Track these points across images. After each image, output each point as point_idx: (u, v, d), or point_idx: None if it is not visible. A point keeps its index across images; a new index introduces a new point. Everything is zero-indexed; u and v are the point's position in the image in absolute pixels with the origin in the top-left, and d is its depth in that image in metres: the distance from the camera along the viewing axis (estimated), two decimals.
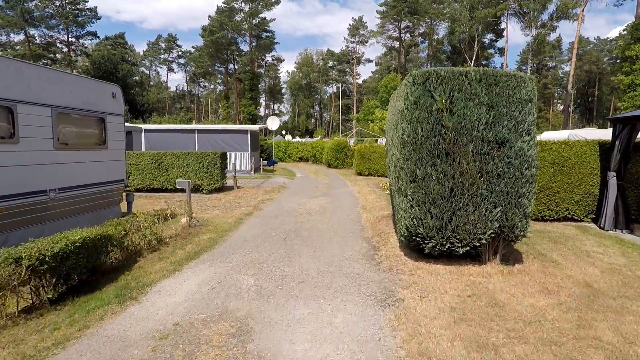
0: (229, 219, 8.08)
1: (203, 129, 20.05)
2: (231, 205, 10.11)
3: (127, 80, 60.49)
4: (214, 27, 58.52)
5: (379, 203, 10.05)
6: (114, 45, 71.20)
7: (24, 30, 52.42)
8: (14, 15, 50.32)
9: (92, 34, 58.25)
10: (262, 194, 12.22)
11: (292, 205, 10.05)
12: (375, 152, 18.93)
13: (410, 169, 4.66)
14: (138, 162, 12.68)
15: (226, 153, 13.30)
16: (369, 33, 68.14)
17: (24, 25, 51.47)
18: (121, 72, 58.76)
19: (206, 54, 62.91)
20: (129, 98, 57.92)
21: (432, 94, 4.57)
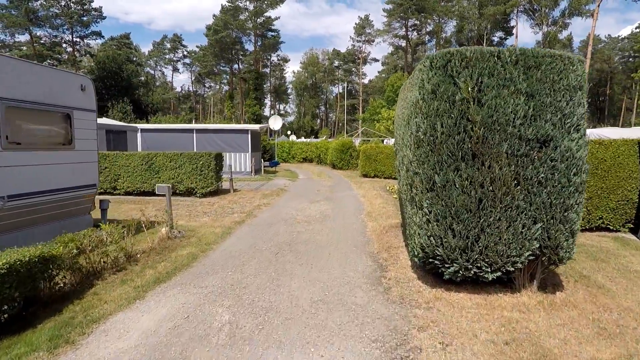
0: (217, 228, 7.18)
1: (201, 128, 19.24)
2: (224, 211, 9.23)
3: (132, 80, 60.16)
4: (218, 26, 57.93)
5: (386, 209, 9.09)
6: (119, 46, 71.03)
7: (28, 30, 52.27)
8: (18, 14, 50.17)
9: (96, 34, 57.99)
10: (259, 198, 11.33)
11: (291, 211, 9.14)
12: (382, 152, 17.96)
13: (426, 175, 3.71)
14: (127, 163, 11.86)
15: (221, 154, 12.44)
16: (375, 32, 67.11)
17: (28, 25, 51.32)
18: (126, 73, 58.42)
19: (210, 53, 62.35)
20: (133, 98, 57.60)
21: (455, 80, 3.62)
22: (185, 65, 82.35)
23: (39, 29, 53.94)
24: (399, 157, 5.20)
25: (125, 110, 50.81)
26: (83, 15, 55.75)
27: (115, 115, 47.12)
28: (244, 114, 60.10)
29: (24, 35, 55.73)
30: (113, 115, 48.19)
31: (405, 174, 4.30)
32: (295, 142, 35.40)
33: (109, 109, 51.50)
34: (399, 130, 5.16)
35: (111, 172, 11.89)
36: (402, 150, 4.72)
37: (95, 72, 57.11)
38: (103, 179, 11.89)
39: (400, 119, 5.03)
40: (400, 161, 4.89)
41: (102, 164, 11.88)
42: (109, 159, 11.90)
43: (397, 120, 5.77)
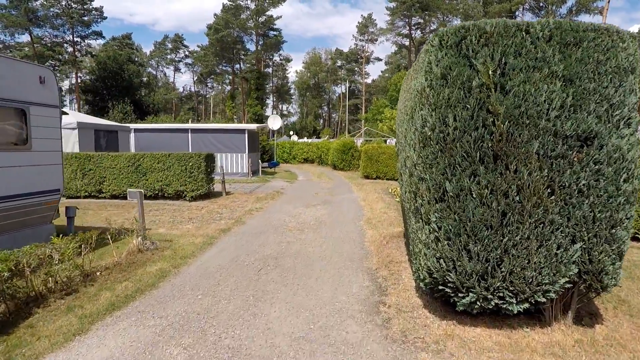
0: (199, 237, 6.44)
1: (197, 128, 18.56)
2: (211, 216, 8.50)
3: (133, 80, 59.75)
4: (219, 25, 57.34)
5: (388, 215, 8.32)
6: (121, 46, 70.74)
7: (28, 30, 51.95)
8: (17, 14, 49.86)
9: (97, 34, 57.57)
10: (252, 202, 10.59)
11: (284, 217, 8.39)
12: (384, 153, 17.18)
13: (435, 181, 2.95)
14: (113, 165, 11.17)
15: (212, 154, 11.73)
16: (378, 31, 66.28)
17: (28, 25, 50.99)
18: (127, 73, 58.00)
19: (211, 53, 61.79)
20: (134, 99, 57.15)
21: (472, 61, 2.86)
22: (187, 66, 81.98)
23: (39, 29, 53.58)
24: (401, 158, 4.44)
25: (126, 111, 50.35)
26: (84, 15, 55.38)
27: (115, 116, 46.64)
28: (245, 114, 59.47)
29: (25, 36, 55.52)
30: (114, 115, 47.74)
31: (409, 179, 3.54)
32: (296, 143, 34.69)
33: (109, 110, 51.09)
34: (401, 127, 4.39)
35: (96, 174, 11.21)
36: (404, 150, 3.96)
37: (96, 72, 56.81)
38: (87, 181, 11.22)
39: (403, 113, 4.27)
40: (403, 163, 4.13)
41: (86, 165, 11.20)
42: (93, 161, 11.22)
43: (399, 115, 5.01)
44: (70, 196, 11.39)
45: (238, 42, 61.13)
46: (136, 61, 70.61)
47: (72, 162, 11.23)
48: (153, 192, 11.08)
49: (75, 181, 11.26)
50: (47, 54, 53.81)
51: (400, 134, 4.48)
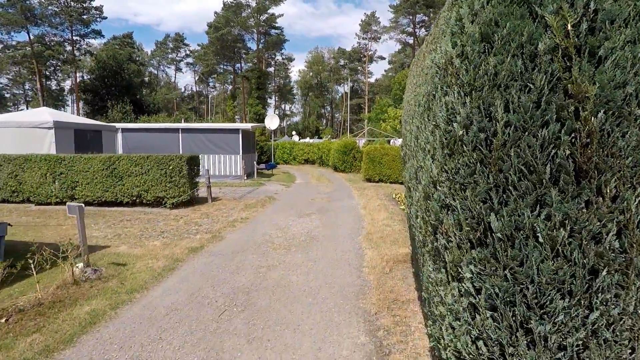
0: (161, 260, 5.29)
1: (188, 128, 17.46)
2: (187, 229, 7.36)
3: (133, 79, 58.98)
4: (220, 23, 56.35)
5: (391, 228, 7.13)
6: (122, 45, 70.02)
7: (26, 29, 51.18)
8: (14, 13, 49.09)
9: (96, 33, 56.74)
10: (239, 210, 9.45)
11: (270, 230, 7.23)
12: (387, 154, 15.98)
13: (471, 213, 1.78)
14: (86, 168, 10.06)
15: (196, 157, 10.59)
16: (381, 29, 65.02)
17: (25, 23, 50.21)
18: (127, 72, 57.21)
19: (212, 51, 60.81)
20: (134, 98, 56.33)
21: (536, 9, 1.68)
22: (189, 65, 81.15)
23: (37, 27, 52.81)
24: (409, 167, 3.26)
25: (125, 110, 49.57)
26: (83, 14, 54.56)
27: (115, 116, 45.81)
28: (246, 113, 58.43)
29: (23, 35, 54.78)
30: (113, 115, 46.94)
31: (423, 202, 2.36)
32: (296, 143, 33.55)
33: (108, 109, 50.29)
34: (410, 123, 3.21)
35: (67, 178, 10.10)
36: (415, 157, 2.78)
37: (96, 72, 56.06)
38: (59, 186, 10.13)
39: (413, 104, 3.08)
40: (413, 176, 2.95)
41: (57, 169, 10.11)
42: (64, 163, 10.11)
43: (406, 108, 3.83)
44: (40, 203, 10.32)
45: (239, 40, 60.10)
46: (137, 61, 69.92)
47: (42, 165, 10.14)
48: (130, 198, 9.98)
49: (44, 186, 10.18)
50: (48, 53, 52.99)
51: (409, 134, 3.30)
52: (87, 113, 59.02)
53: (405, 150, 3.62)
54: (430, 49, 2.52)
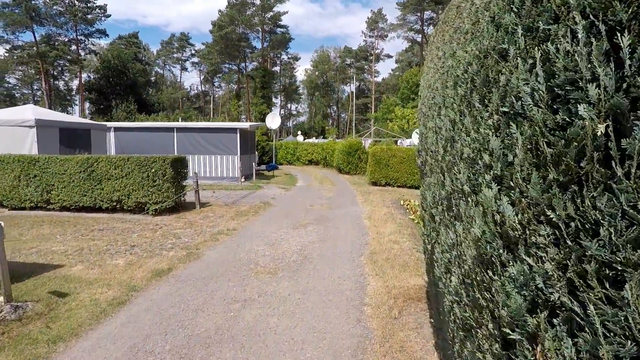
0: (114, 287, 4.27)
1: (183, 127, 16.52)
2: (163, 242, 6.34)
3: (137, 79, 58.56)
4: (224, 22, 55.55)
5: (400, 247, 6.03)
6: (128, 45, 69.72)
7: (31, 29, 50.88)
8: (19, 12, 48.78)
9: (101, 32, 56.32)
10: (227, 219, 8.42)
11: (258, 246, 6.18)
12: (395, 156, 14.87)
13: None
14: (62, 170, 9.12)
15: (183, 158, 9.58)
16: (388, 26, 63.69)
17: (30, 23, 49.89)
18: (131, 71, 56.77)
19: (216, 50, 60.04)
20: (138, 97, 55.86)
21: None
22: (194, 65, 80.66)
23: (42, 27, 52.49)
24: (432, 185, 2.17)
25: (130, 110, 49.13)
26: (87, 13, 54.15)
27: (119, 115, 45.31)
28: (250, 113, 57.58)
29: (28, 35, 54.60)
30: (117, 114, 46.47)
31: (475, 268, 1.27)
32: (300, 143, 32.51)
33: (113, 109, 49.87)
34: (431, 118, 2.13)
35: (42, 181, 9.17)
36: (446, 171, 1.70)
37: (100, 71, 55.70)
38: (33, 190, 9.20)
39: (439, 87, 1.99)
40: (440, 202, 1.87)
41: (31, 171, 9.19)
42: (39, 165, 9.18)
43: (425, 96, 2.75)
44: (14, 207, 9.42)
45: (243, 39, 59.26)
46: (143, 60, 69.65)
47: (15, 167, 9.23)
48: (110, 203, 9.01)
49: (18, 189, 9.26)
50: (54, 53, 52.54)
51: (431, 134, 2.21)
52: (92, 112, 58.77)
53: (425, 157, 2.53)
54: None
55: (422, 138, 3.09)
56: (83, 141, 13.57)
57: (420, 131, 3.21)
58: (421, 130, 3.18)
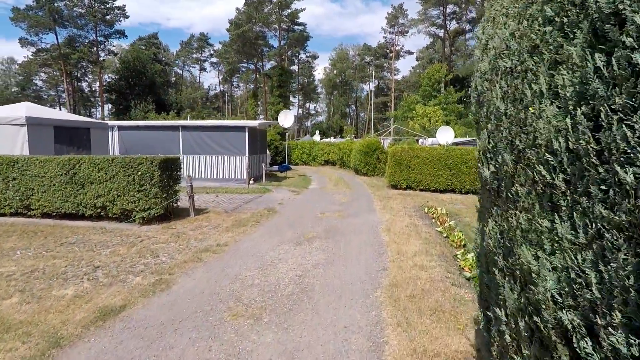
0: (34, 341, 3.09)
1: (189, 125, 15.54)
2: (132, 264, 5.18)
3: (156, 79, 58.83)
4: (241, 20, 54.96)
5: (429, 275, 4.64)
6: (148, 46, 70.40)
7: (53, 31, 51.70)
8: (43, 15, 49.59)
9: (120, 33, 56.77)
10: (222, 230, 7.22)
11: (246, 270, 4.93)
12: (417, 156, 13.39)
13: None
14: (42, 172, 8.17)
15: (175, 159, 8.45)
16: (409, 22, 61.59)
17: (52, 25, 50.68)
18: (150, 71, 57.04)
19: (233, 49, 59.58)
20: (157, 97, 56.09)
21: None
22: (213, 65, 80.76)
23: (65, 29, 53.27)
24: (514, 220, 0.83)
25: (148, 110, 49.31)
26: (106, 14, 54.63)
27: (137, 115, 45.43)
28: (267, 112, 56.81)
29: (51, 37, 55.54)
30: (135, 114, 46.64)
31: None
32: (316, 143, 31.26)
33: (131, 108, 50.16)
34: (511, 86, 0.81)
35: (22, 184, 8.24)
36: None
37: (120, 72, 56.23)
38: (12, 194, 8.29)
39: None
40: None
41: (10, 173, 8.28)
42: (17, 167, 8.26)
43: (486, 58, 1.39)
44: None
45: (260, 37, 58.54)
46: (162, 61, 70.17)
47: None
48: (94, 210, 7.99)
49: None
50: (77, 55, 53.18)
51: (544, 124, 0.88)
52: (111, 112, 59.44)
53: (509, 168, 1.19)
54: None
55: (479, 127, 1.74)
56: (81, 141, 12.72)
57: (476, 118, 1.86)
58: (477, 118, 1.83)
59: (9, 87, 70.09)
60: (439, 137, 15.06)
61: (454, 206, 10.55)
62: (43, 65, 58.35)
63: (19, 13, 48.57)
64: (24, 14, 48.44)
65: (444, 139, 14.33)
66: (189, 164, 15.08)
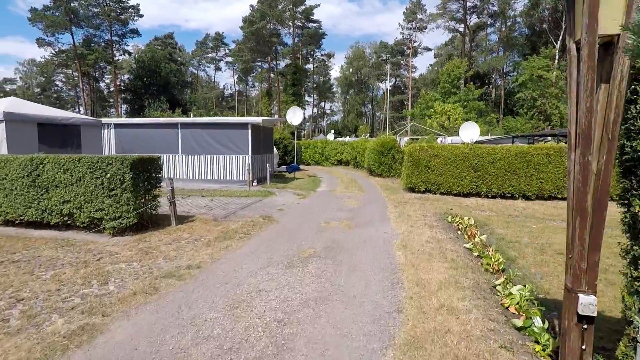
0: None
1: (188, 122, 14.44)
2: (68, 296, 3.97)
3: (170, 78, 58.73)
4: (255, 18, 54.08)
5: (464, 328, 3.21)
6: (164, 45, 70.57)
7: (70, 31, 52.01)
8: (59, 15, 49.91)
9: (134, 32, 56.76)
10: (202, 245, 5.97)
11: (206, 314, 3.63)
12: (437, 155, 11.88)
13: None
14: (3, 174, 7.12)
15: (153, 159, 7.23)
16: (427, 17, 59.41)
17: (68, 24, 50.97)
18: (164, 71, 56.94)
19: (246, 47, 58.79)
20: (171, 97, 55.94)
21: None
22: (228, 64, 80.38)
23: (81, 29, 53.56)
24: None
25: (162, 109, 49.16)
26: (121, 14, 54.68)
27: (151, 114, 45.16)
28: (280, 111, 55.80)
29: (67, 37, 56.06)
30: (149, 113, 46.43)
31: None
32: (329, 142, 29.90)
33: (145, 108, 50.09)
34: None
35: None
36: None
37: (135, 71, 56.35)
38: None
39: None
40: None
41: None
42: None
43: None
44: None
45: (274, 35, 57.52)
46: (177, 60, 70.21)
47: None
48: (61, 218, 6.88)
49: None
50: (94, 55, 53.35)
51: None
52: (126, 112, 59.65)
53: None
54: None
55: None
56: (71, 139, 11.76)
57: None
58: None
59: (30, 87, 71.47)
60: (462, 134, 13.47)
61: (482, 213, 9.04)
62: (60, 66, 58.94)
63: (36, 13, 49.00)
64: (41, 14, 48.82)
65: (468, 137, 12.74)
66: (188, 164, 13.99)
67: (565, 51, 2.28)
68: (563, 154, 11.36)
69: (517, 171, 11.37)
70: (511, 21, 50.54)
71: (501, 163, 11.40)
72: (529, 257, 5.42)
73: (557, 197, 11.31)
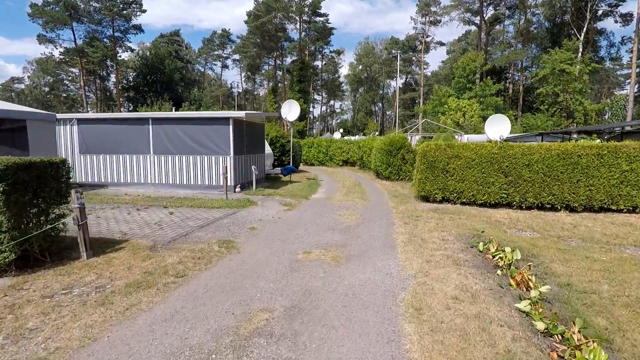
0: None
1: (160, 117, 12.30)
2: None
3: (174, 75, 57.27)
4: (260, 11, 52.00)
5: None
6: (170, 43, 69.23)
7: (70, 26, 50.75)
8: (59, 10, 48.66)
9: (137, 28, 55.29)
10: (97, 302, 3.76)
11: None
12: (458, 156, 9.50)
13: None
14: None
15: (57, 163, 5.04)
16: (442, 10, 56.51)
17: (69, 21, 49.69)
18: (168, 68, 55.46)
19: (251, 43, 56.76)
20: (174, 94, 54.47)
21: None
22: (235, 62, 78.65)
23: (82, 25, 52.27)
24: None
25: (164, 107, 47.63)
26: (123, 9, 53.22)
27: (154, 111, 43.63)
28: None
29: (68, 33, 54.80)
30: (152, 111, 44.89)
31: None
32: (334, 141, 27.60)
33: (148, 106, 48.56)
34: None
35: None
36: None
37: (138, 68, 55.00)
38: None
39: None
40: None
41: None
42: None
43: None
44: None
45: (280, 29, 55.37)
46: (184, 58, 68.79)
47: None
48: None
49: None
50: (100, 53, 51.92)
51: None
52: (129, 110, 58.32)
53: None
54: None
55: None
56: (16, 137, 9.72)
57: None
58: None
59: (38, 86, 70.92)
60: (488, 130, 10.98)
61: (521, 234, 6.67)
62: (62, 64, 57.86)
63: (36, 9, 47.80)
64: (40, 10, 47.60)
65: (496, 133, 10.27)
66: (161, 166, 11.86)
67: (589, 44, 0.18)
68: (620, 155, 8.88)
69: (560, 176, 8.94)
70: (530, 12, 47.41)
71: (539, 166, 8.98)
72: (630, 330, 3.07)
73: (611, 208, 8.86)
